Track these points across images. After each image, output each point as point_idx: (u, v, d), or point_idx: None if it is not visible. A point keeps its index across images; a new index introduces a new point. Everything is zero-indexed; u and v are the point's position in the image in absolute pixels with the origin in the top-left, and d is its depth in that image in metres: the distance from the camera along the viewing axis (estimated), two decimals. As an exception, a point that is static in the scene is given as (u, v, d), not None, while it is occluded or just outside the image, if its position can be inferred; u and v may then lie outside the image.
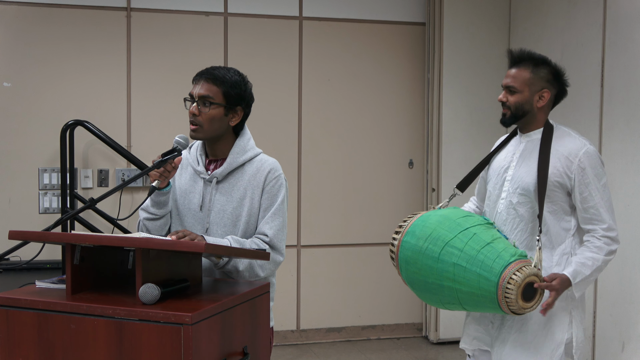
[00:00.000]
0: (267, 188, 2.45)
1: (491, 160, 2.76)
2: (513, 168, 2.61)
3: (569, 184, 2.50)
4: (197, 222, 2.44)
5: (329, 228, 5.29)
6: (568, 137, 2.58)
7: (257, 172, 2.46)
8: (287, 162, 5.20)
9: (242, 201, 2.43)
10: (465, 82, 5.22)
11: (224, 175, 2.45)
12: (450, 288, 2.39)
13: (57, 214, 4.71)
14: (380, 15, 5.33)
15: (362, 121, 5.33)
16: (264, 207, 2.44)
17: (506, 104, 2.57)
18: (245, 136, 2.53)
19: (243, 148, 2.48)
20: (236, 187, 2.44)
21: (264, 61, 5.11)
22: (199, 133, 2.41)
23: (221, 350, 1.97)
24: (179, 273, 2.11)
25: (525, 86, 2.55)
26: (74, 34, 4.78)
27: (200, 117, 2.39)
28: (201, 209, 2.44)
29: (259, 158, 2.51)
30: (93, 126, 4.57)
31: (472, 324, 2.70)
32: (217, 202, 2.43)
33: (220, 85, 2.42)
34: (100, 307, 1.89)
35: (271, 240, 2.42)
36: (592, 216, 2.49)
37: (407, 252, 2.48)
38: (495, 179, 2.67)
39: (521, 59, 2.58)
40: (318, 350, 5.11)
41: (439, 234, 2.42)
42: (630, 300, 3.88)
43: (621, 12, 4.01)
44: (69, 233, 2.60)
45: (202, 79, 2.43)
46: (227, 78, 2.43)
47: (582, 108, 4.32)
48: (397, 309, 5.43)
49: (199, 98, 2.39)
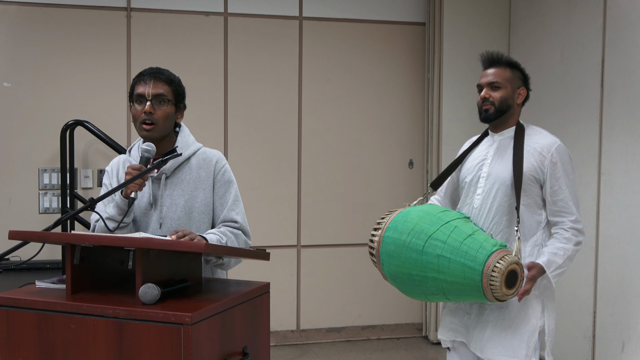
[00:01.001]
0: (218, 176, 2.53)
1: (464, 160, 2.88)
2: (488, 165, 2.74)
3: (541, 178, 2.66)
4: (150, 219, 2.46)
5: (329, 228, 5.29)
6: (539, 134, 2.73)
7: (204, 163, 2.53)
8: (287, 162, 5.20)
9: (194, 192, 2.48)
10: (465, 82, 5.22)
11: (172, 171, 2.48)
12: (435, 279, 2.48)
13: (57, 214, 4.71)
14: (380, 15, 5.33)
15: (362, 121, 5.33)
16: (219, 195, 2.52)
17: (489, 100, 2.71)
18: (186, 131, 2.59)
19: (186, 142, 2.54)
20: (185, 180, 2.49)
21: (264, 61, 5.11)
22: (155, 132, 2.44)
23: (221, 350, 1.97)
24: (179, 273, 2.11)
25: (507, 82, 2.72)
26: (74, 34, 4.78)
27: (156, 115, 2.43)
28: (152, 207, 2.46)
29: (202, 150, 2.57)
30: (93, 126, 4.57)
31: (447, 316, 2.82)
32: (168, 197, 2.46)
33: (170, 84, 2.48)
34: (100, 307, 1.89)
35: (241, 225, 2.51)
36: (560, 208, 2.65)
37: (390, 247, 2.55)
38: (470, 176, 2.79)
39: (499, 60, 2.76)
40: (318, 350, 5.11)
41: (421, 227, 2.51)
42: (630, 300, 3.88)
43: (621, 13, 4.01)
44: (69, 233, 2.60)
45: (151, 78, 2.46)
46: (173, 77, 2.52)
47: (582, 108, 4.32)
48: (397, 309, 5.43)
49: (154, 97, 2.43)
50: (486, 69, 2.77)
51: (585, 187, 4.25)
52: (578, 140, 4.34)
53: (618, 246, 3.98)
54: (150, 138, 2.44)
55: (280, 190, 5.18)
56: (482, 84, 2.75)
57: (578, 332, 4.30)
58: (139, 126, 2.44)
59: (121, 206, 2.35)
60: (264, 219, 5.08)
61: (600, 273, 4.13)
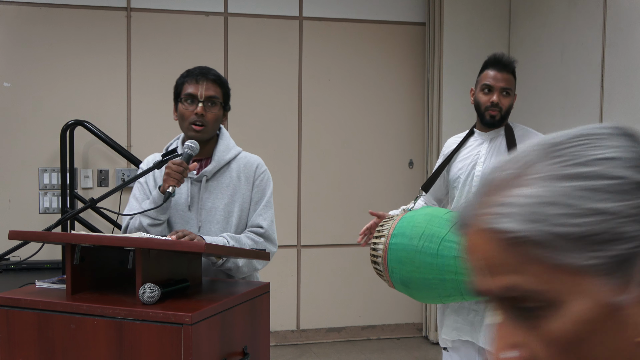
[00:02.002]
0: (257, 182, 2.50)
1: (452, 160, 2.88)
2: (482, 164, 2.76)
3: None
4: (187, 222, 2.43)
5: (329, 228, 5.29)
6: (529, 133, 2.77)
7: (245, 168, 2.51)
8: (287, 162, 5.20)
9: (233, 197, 2.46)
10: (465, 82, 5.21)
11: (212, 173, 2.46)
12: (453, 280, 2.47)
13: (57, 214, 4.71)
14: (380, 15, 5.33)
15: (362, 121, 5.33)
16: (255, 201, 2.49)
17: (498, 106, 2.71)
18: (227, 135, 2.58)
19: (227, 146, 2.52)
20: (225, 184, 2.47)
21: (264, 61, 5.11)
22: (205, 133, 2.42)
23: (221, 350, 1.97)
24: (179, 273, 2.11)
25: (514, 90, 2.77)
26: (74, 34, 4.78)
27: (207, 117, 2.40)
28: (189, 209, 2.44)
29: (243, 155, 2.56)
30: (93, 126, 4.57)
31: (451, 315, 2.81)
32: (207, 200, 2.44)
33: (221, 86, 2.46)
34: (100, 307, 1.89)
35: (266, 231, 2.46)
36: None
37: (401, 253, 2.54)
38: (464, 176, 2.80)
39: (510, 65, 2.75)
40: (318, 350, 5.11)
41: (432, 231, 2.51)
42: (630, 300, 3.88)
43: (621, 12, 4.01)
44: (69, 233, 2.60)
45: (205, 79, 2.43)
46: (223, 79, 2.50)
47: (582, 108, 4.32)
48: (397, 309, 5.43)
49: (207, 98, 2.41)
50: (498, 72, 2.73)
51: (585, 187, 4.25)
52: (578, 140, 4.33)
53: (618, 246, 3.97)
54: (198, 139, 2.41)
55: (280, 190, 5.18)
56: (495, 86, 2.72)
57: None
58: (188, 126, 2.41)
59: (157, 202, 2.31)
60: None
61: (600, 273, 4.13)
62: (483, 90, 2.74)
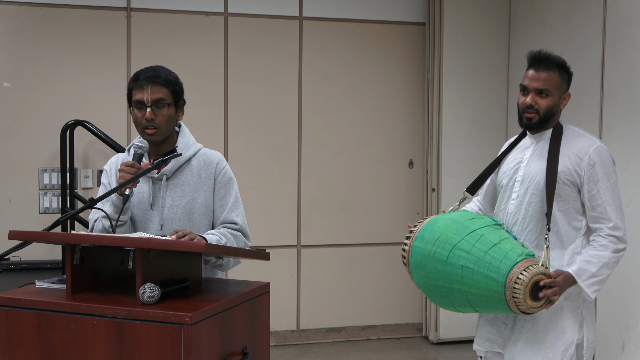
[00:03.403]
0: (218, 178, 2.53)
1: (501, 162, 2.75)
2: (523, 169, 2.61)
3: (578, 182, 2.50)
4: (149, 220, 2.46)
5: (329, 228, 5.29)
6: (578, 135, 2.57)
7: (205, 165, 2.53)
8: (287, 162, 5.20)
9: (195, 194, 2.48)
10: (465, 82, 5.22)
11: (172, 172, 2.48)
12: (460, 290, 2.40)
13: (57, 214, 4.71)
14: (380, 15, 5.33)
15: (362, 121, 5.33)
16: (220, 196, 2.52)
17: (534, 108, 2.53)
18: (186, 132, 2.60)
19: (187, 144, 2.54)
20: (186, 181, 2.49)
21: (264, 61, 5.11)
22: (158, 135, 2.45)
23: (221, 350, 1.97)
24: (179, 273, 2.11)
25: (555, 89, 2.53)
26: (74, 34, 4.78)
27: (157, 120, 2.43)
28: (151, 207, 2.46)
29: (203, 151, 2.58)
30: (93, 126, 4.57)
31: (485, 325, 2.70)
32: (169, 198, 2.47)
33: (167, 86, 2.47)
34: (100, 307, 1.89)
35: (241, 227, 2.51)
36: (599, 214, 2.49)
37: (417, 257, 2.49)
38: (507, 180, 2.66)
39: (549, 60, 2.54)
40: (318, 350, 5.11)
41: (446, 237, 2.43)
42: (630, 300, 3.88)
43: (621, 12, 4.01)
44: (69, 233, 2.60)
45: (148, 83, 2.44)
46: (170, 77, 2.49)
47: (582, 108, 4.32)
48: (397, 309, 5.43)
49: (153, 102, 2.43)
50: (535, 71, 2.53)
51: (585, 187, 4.25)
52: (578, 140, 4.34)
53: (618, 246, 3.97)
54: (154, 142, 2.46)
55: (280, 190, 5.18)
56: (529, 87, 2.53)
57: (578, 332, 4.30)
58: (142, 131, 2.45)
59: (117, 204, 2.35)
60: (264, 219, 5.08)
61: (600, 273, 4.12)
62: (521, 90, 2.58)
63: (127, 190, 2.31)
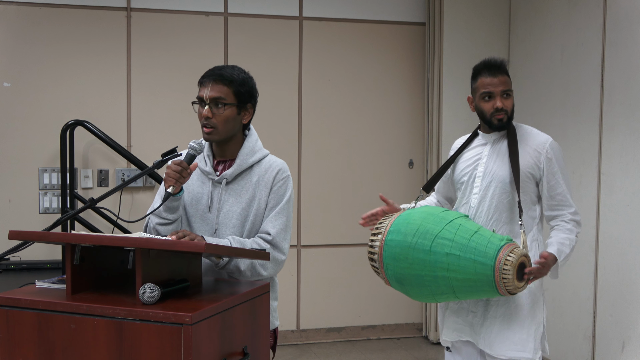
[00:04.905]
0: (274, 188, 2.46)
1: (456, 160, 2.90)
2: (483, 164, 2.77)
3: (538, 174, 2.71)
4: (205, 224, 2.43)
5: (329, 228, 5.29)
6: (531, 132, 2.78)
7: (266, 173, 2.47)
8: (287, 162, 5.14)
9: (251, 202, 2.43)
10: (466, 82, 5.17)
11: (233, 177, 2.45)
12: (445, 277, 2.49)
13: (57, 214, 4.71)
14: (380, 15, 5.33)
15: (362, 121, 5.33)
16: (269, 207, 2.45)
17: (503, 109, 2.71)
18: (253, 137, 2.56)
19: (252, 149, 2.50)
20: (245, 188, 2.44)
21: (264, 61, 5.11)
22: (214, 135, 2.41)
23: (221, 350, 1.97)
24: (179, 273, 2.11)
25: (512, 89, 2.76)
26: (74, 34, 4.78)
27: (214, 119, 2.39)
28: (210, 210, 2.43)
29: (267, 159, 2.53)
30: (93, 126, 4.57)
31: (451, 316, 2.83)
32: (226, 203, 2.43)
33: (229, 85, 2.42)
34: (100, 307, 1.89)
35: (273, 238, 2.41)
36: (559, 202, 2.71)
37: (395, 250, 2.56)
38: (467, 177, 2.81)
39: (503, 66, 2.76)
40: (318, 350, 5.11)
41: (426, 228, 2.53)
42: (630, 300, 3.88)
43: (621, 12, 4.01)
44: (69, 233, 2.60)
45: (210, 80, 2.42)
46: (235, 77, 2.44)
47: (582, 108, 4.32)
48: (397, 309, 5.43)
49: (211, 100, 2.39)
50: (494, 77, 2.72)
51: (585, 187, 4.25)
52: (578, 140, 4.34)
53: (618, 246, 3.98)
54: (210, 141, 2.43)
55: (280, 190, 5.18)
56: (495, 92, 2.70)
57: (578, 332, 4.30)
58: (202, 129, 2.41)
59: (166, 202, 2.33)
60: (264, 219, 5.08)
61: (600, 273, 4.13)
62: (484, 98, 2.73)
63: (170, 188, 2.28)
